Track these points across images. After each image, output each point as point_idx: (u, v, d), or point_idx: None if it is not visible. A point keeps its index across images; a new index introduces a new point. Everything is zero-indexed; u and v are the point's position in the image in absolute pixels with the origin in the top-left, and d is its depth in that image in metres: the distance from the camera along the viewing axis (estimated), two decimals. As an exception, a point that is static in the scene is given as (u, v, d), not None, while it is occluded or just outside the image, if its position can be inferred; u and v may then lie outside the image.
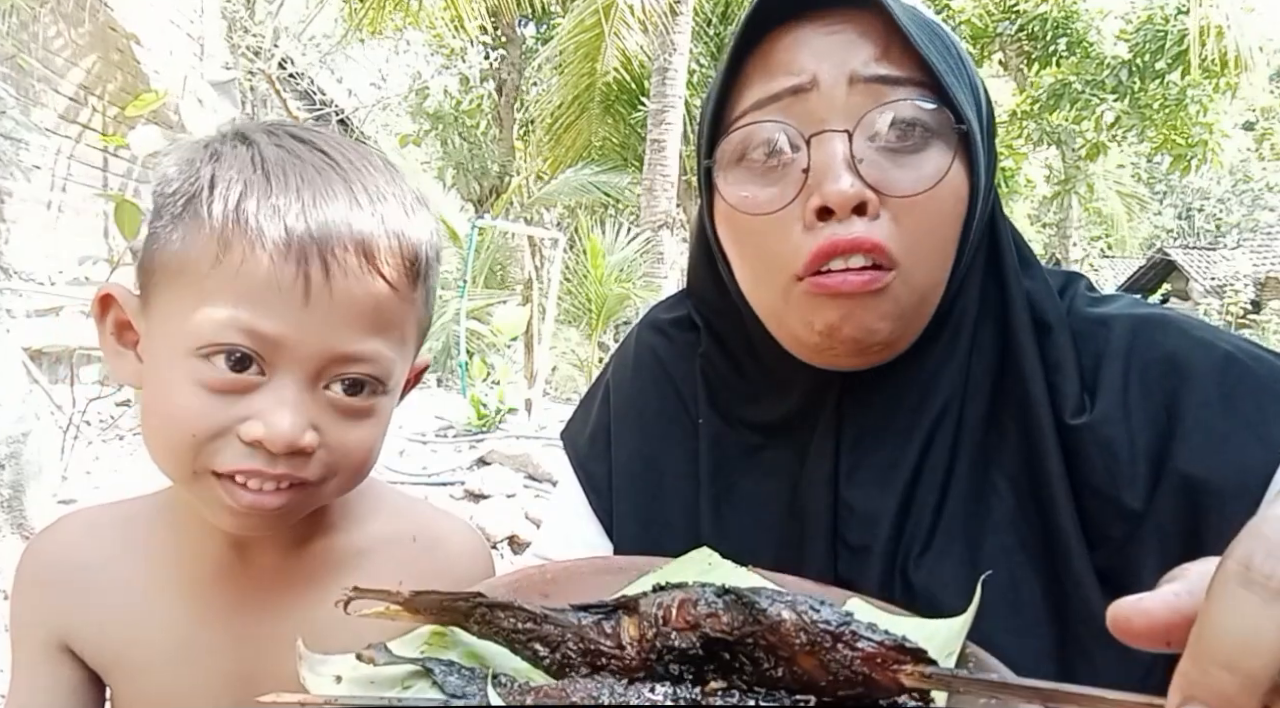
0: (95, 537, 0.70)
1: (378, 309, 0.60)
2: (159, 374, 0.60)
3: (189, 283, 0.58)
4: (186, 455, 0.58)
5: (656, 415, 0.78)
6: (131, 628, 0.67)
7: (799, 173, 0.61)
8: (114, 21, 5.45)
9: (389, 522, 0.74)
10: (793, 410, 0.70)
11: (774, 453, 0.71)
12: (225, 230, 0.57)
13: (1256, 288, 16.75)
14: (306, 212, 0.58)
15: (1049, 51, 11.99)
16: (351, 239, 0.59)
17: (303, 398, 0.58)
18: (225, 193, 0.58)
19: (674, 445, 0.76)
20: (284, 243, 0.57)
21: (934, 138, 0.60)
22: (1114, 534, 0.60)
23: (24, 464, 2.96)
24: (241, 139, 0.62)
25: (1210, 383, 0.60)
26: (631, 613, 0.41)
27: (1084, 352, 0.65)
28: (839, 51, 0.61)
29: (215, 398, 0.57)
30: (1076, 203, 15.48)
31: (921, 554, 0.64)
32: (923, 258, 0.61)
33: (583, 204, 12.00)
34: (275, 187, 0.58)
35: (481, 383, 6.35)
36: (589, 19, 9.11)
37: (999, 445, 0.65)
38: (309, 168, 0.60)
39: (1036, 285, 0.68)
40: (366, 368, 0.60)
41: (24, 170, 4.62)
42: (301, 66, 9.67)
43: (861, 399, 0.67)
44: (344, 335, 0.59)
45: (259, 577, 0.69)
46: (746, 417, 0.73)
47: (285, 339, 0.57)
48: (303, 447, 0.58)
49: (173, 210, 0.60)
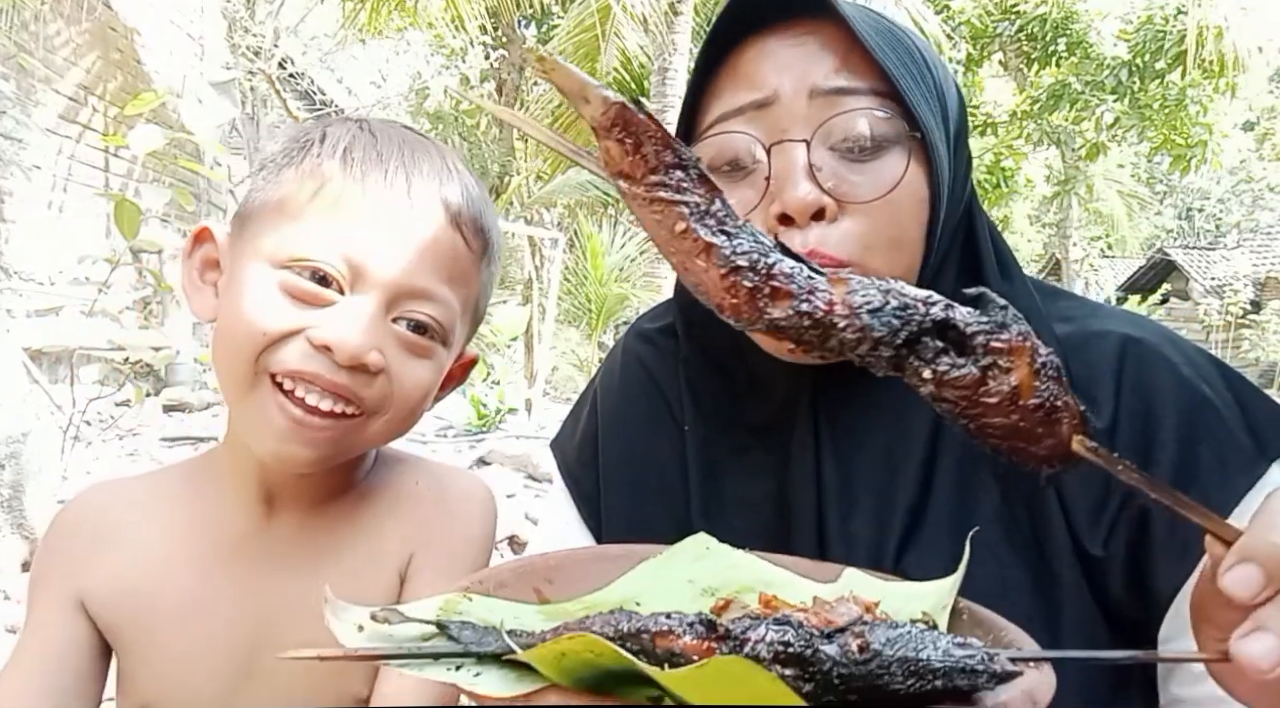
0: (122, 501, 0.73)
1: (454, 260, 0.67)
2: (242, 286, 0.63)
3: (288, 212, 0.64)
4: (252, 353, 0.61)
5: (644, 422, 0.79)
6: (149, 587, 0.69)
7: (762, 181, 0.64)
8: (114, 21, 5.45)
9: (400, 478, 0.76)
10: (773, 410, 0.72)
11: (760, 454, 0.73)
12: (330, 168, 0.64)
13: (1256, 288, 16.76)
14: (405, 162, 0.66)
15: (1049, 52, 11.99)
16: (440, 193, 0.66)
17: (375, 321, 0.63)
18: (334, 143, 0.66)
19: (661, 451, 0.77)
20: (383, 182, 0.64)
21: (890, 144, 0.63)
22: (1091, 548, 0.62)
23: (24, 464, 2.96)
24: (351, 118, 0.71)
25: (1183, 426, 0.62)
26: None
27: (1075, 359, 0.66)
28: (801, 64, 0.64)
29: (294, 304, 0.62)
30: (1076, 203, 15.48)
31: (908, 548, 0.65)
32: (879, 257, 0.63)
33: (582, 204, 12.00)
34: (380, 141, 0.66)
35: (481, 383, 6.35)
36: (589, 19, 9.10)
37: None
38: (408, 137, 0.69)
39: (1015, 289, 0.70)
40: (435, 310, 0.65)
41: (24, 170, 4.62)
42: (301, 66, 9.67)
43: (837, 397, 0.69)
44: (422, 272, 0.64)
45: (280, 541, 0.70)
46: (731, 419, 0.75)
47: (369, 262, 0.62)
48: (367, 363, 0.62)
49: (279, 162, 0.66)
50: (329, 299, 0.62)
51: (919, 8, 9.15)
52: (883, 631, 0.37)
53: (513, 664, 0.39)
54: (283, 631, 0.69)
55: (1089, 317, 0.70)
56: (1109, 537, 0.62)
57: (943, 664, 0.36)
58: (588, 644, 0.34)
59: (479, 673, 0.39)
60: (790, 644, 0.35)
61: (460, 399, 6.29)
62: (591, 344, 8.80)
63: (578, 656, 0.35)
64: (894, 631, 0.37)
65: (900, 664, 0.36)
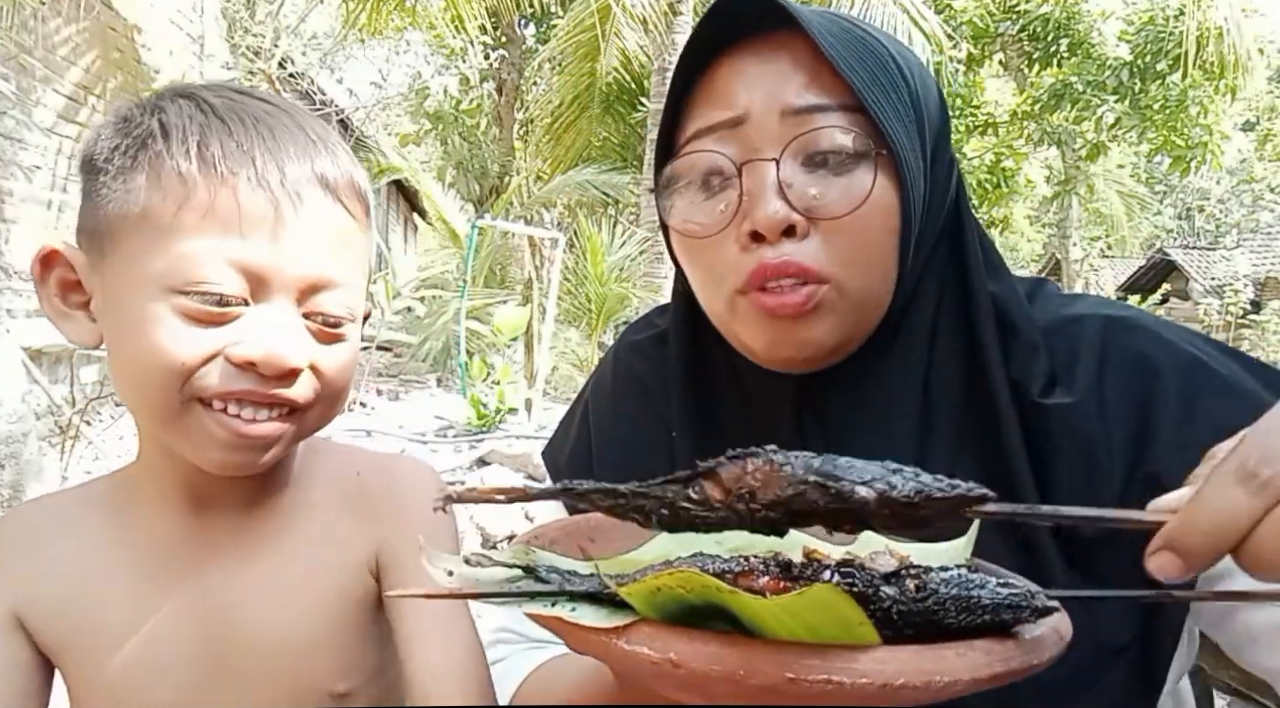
0: (52, 517, 0.71)
1: (345, 237, 0.65)
2: (131, 319, 0.59)
3: (154, 227, 0.59)
4: (174, 385, 0.59)
5: (635, 430, 0.80)
6: (89, 602, 0.67)
7: (734, 198, 0.65)
8: (114, 21, 5.46)
9: (334, 467, 0.75)
10: (759, 414, 0.73)
11: None
12: (191, 172, 0.58)
13: (1256, 288, 16.75)
14: (270, 149, 0.61)
15: (1050, 52, 11.99)
16: (314, 173, 0.63)
17: (290, 325, 0.61)
18: (184, 138, 0.59)
19: (653, 459, 0.77)
20: (255, 178, 0.59)
21: (859, 159, 0.64)
22: (1083, 531, 0.63)
23: (24, 464, 2.96)
24: (179, 94, 0.64)
25: (1176, 386, 0.63)
26: (712, 479, 0.44)
27: (1057, 348, 0.68)
28: (770, 82, 0.65)
29: (200, 327, 0.59)
30: (1076, 203, 15.47)
31: None
32: (856, 271, 0.64)
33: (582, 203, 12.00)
34: (234, 128, 0.61)
35: (481, 383, 6.35)
36: (588, 19, 9.10)
37: (968, 444, 0.67)
38: (259, 111, 0.63)
39: (1003, 289, 0.70)
40: (342, 295, 0.64)
41: (24, 170, 4.62)
42: (301, 66, 9.68)
43: (818, 401, 0.70)
44: (320, 260, 0.62)
45: (216, 541, 0.69)
46: (718, 424, 0.76)
47: (268, 267, 0.59)
48: (295, 367, 0.61)
49: (119, 164, 0.60)
50: (235, 314, 0.59)
51: (919, 7, 9.14)
52: (936, 573, 0.41)
53: (600, 601, 0.41)
54: (240, 627, 0.68)
55: (1069, 305, 0.72)
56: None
57: (991, 601, 0.40)
58: (682, 580, 0.37)
59: (574, 608, 0.41)
60: (855, 584, 0.40)
61: (460, 399, 6.29)
62: (591, 344, 8.79)
63: (671, 591, 0.38)
64: (946, 573, 0.41)
65: (954, 602, 0.40)
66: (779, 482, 0.42)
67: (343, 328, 0.65)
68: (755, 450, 0.45)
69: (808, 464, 0.42)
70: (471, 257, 8.17)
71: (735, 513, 0.43)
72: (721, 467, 0.44)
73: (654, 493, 0.45)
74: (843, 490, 0.40)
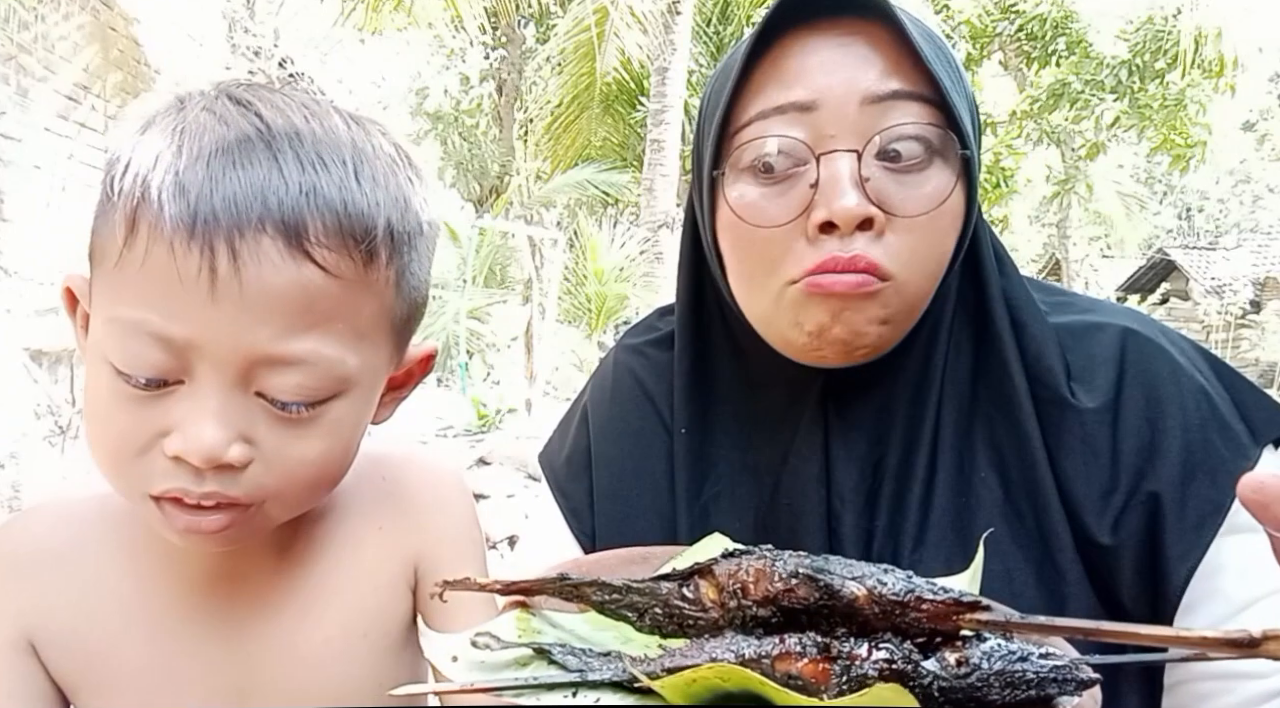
0: (71, 527, 0.63)
1: (308, 300, 0.51)
2: (90, 382, 0.53)
3: (105, 275, 0.52)
4: (122, 478, 0.53)
5: (636, 433, 0.79)
6: (104, 636, 0.60)
7: (806, 187, 0.62)
8: (114, 21, 5.46)
9: (357, 480, 0.66)
10: (775, 410, 0.72)
11: (755, 456, 0.73)
12: (132, 212, 0.49)
13: (1256, 288, 16.75)
14: (214, 184, 0.48)
15: (1048, 51, 11.98)
16: (269, 216, 0.49)
17: (228, 405, 0.50)
18: (136, 168, 0.50)
19: (654, 462, 0.77)
20: (186, 225, 0.48)
21: (936, 157, 0.62)
22: (1099, 536, 0.63)
23: (24, 464, 2.96)
24: (180, 105, 0.54)
25: (1183, 416, 0.64)
26: (707, 577, 0.44)
27: (1074, 350, 0.68)
28: (849, 66, 0.62)
29: (136, 410, 0.51)
30: (1076, 203, 15.46)
31: (915, 549, 0.65)
32: (917, 272, 0.63)
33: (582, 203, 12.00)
34: (184, 158, 0.49)
35: (481, 383, 6.36)
36: (587, 19, 9.10)
37: (983, 436, 0.68)
38: (231, 133, 0.51)
39: (1013, 287, 0.70)
40: (301, 375, 0.51)
41: (24, 170, 4.62)
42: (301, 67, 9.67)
43: (843, 398, 0.69)
44: (265, 334, 0.50)
45: (244, 576, 0.62)
46: (726, 422, 0.75)
47: (193, 341, 0.49)
48: (228, 461, 0.50)
49: (104, 189, 0.52)
50: (169, 391, 0.50)
51: (918, 7, 9.14)
52: (977, 645, 0.40)
53: (622, 688, 0.40)
54: (268, 676, 0.62)
55: (1087, 310, 0.72)
56: (1118, 523, 0.63)
57: (1036, 676, 0.38)
58: (720, 673, 0.36)
59: (599, 699, 0.40)
60: (894, 661, 0.38)
61: (460, 399, 6.29)
62: (591, 344, 8.79)
63: (707, 682, 0.37)
64: (986, 644, 0.40)
65: (998, 677, 0.38)
66: (770, 577, 0.42)
67: (310, 411, 0.53)
68: (750, 548, 0.45)
69: (800, 561, 0.43)
70: (471, 257, 8.17)
71: (727, 612, 0.43)
72: (716, 564, 0.44)
73: (648, 589, 0.45)
74: (832, 585, 0.40)
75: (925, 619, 0.39)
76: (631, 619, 0.47)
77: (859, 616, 0.40)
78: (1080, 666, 0.39)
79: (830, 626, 0.41)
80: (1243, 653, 0.34)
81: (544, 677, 0.42)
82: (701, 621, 0.44)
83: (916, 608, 0.39)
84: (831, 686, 0.38)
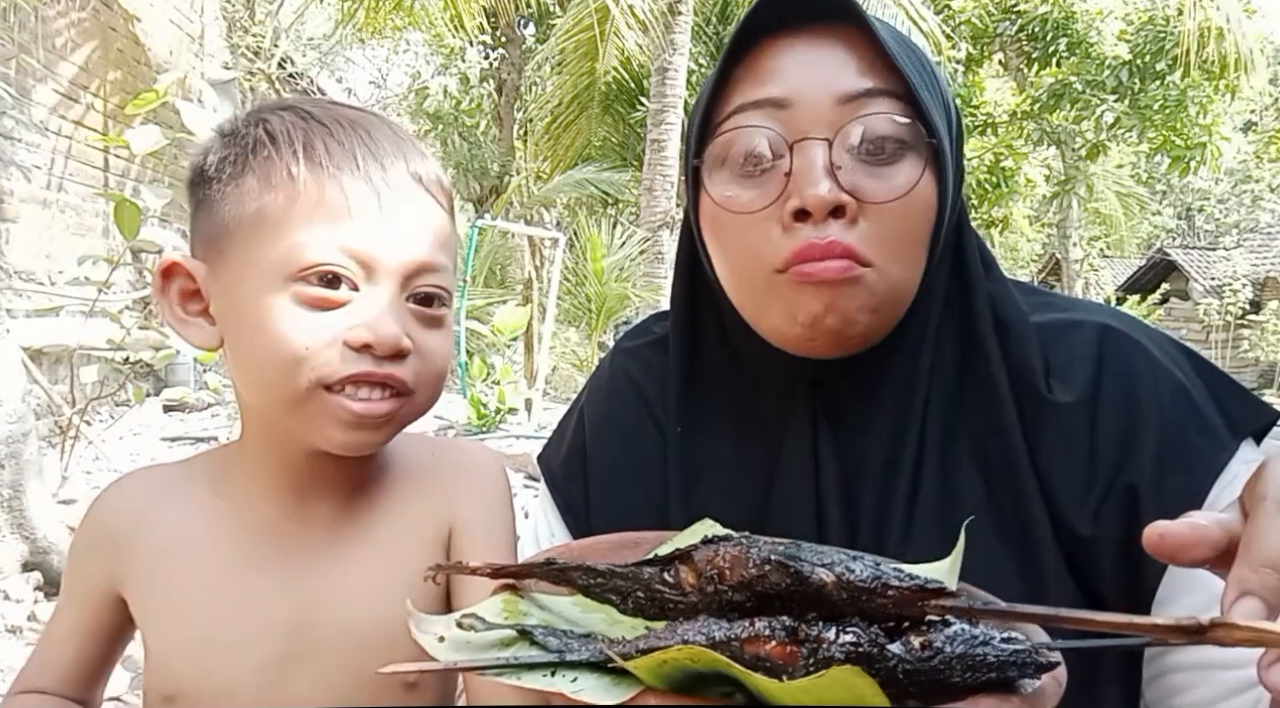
0: (156, 488, 0.75)
1: (440, 228, 0.70)
2: (253, 312, 0.64)
3: (268, 225, 0.64)
4: (299, 372, 0.63)
5: (632, 434, 0.80)
6: (178, 570, 0.70)
7: (781, 176, 0.64)
8: (113, 20, 5.46)
9: (411, 452, 0.79)
10: (766, 407, 0.73)
11: (747, 451, 0.74)
12: (299, 171, 0.64)
13: (1256, 288, 16.76)
14: (370, 147, 0.67)
15: (1049, 52, 11.99)
16: (409, 170, 0.68)
17: (397, 306, 0.65)
18: (290, 142, 0.65)
19: (649, 461, 0.78)
20: (358, 173, 0.65)
21: (907, 149, 0.64)
22: (1080, 530, 0.65)
23: (24, 464, 2.96)
24: (279, 107, 0.70)
25: (1161, 411, 0.65)
26: (687, 562, 0.46)
27: (1053, 347, 0.70)
28: (824, 67, 0.65)
29: (319, 314, 0.63)
30: (1076, 203, 15.48)
31: (902, 540, 0.67)
32: (894, 259, 0.65)
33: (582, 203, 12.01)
34: (336, 131, 0.67)
35: (481, 383, 6.36)
36: (587, 19, 9.10)
37: (967, 432, 0.69)
38: (355, 117, 0.70)
39: (998, 288, 0.72)
40: (439, 279, 0.68)
41: (23, 170, 4.62)
42: (301, 66, 9.68)
43: (833, 394, 0.70)
44: (421, 248, 0.67)
45: (311, 528, 0.72)
46: (719, 417, 0.76)
47: (375, 253, 0.64)
48: (403, 348, 0.65)
49: (230, 172, 0.66)
50: (346, 299, 0.64)
51: (918, 7, 9.15)
52: (941, 629, 0.41)
53: (600, 669, 0.41)
54: (326, 615, 0.70)
55: (1065, 308, 0.74)
56: (1097, 516, 0.64)
57: (997, 659, 0.40)
58: (691, 654, 0.38)
59: (575, 678, 0.41)
60: (860, 645, 0.40)
61: (460, 399, 6.29)
62: (591, 344, 8.79)
63: (678, 663, 0.38)
64: (950, 629, 0.41)
65: (960, 660, 0.39)
66: (745, 563, 0.44)
67: (441, 309, 0.69)
68: (730, 534, 0.47)
69: (774, 547, 0.44)
70: (472, 257, 8.17)
71: (705, 597, 0.45)
72: (696, 550, 0.46)
73: (631, 574, 0.47)
74: (801, 571, 0.42)
75: (891, 605, 0.41)
76: (615, 603, 0.48)
77: (828, 600, 0.41)
78: (1041, 650, 0.41)
79: (801, 610, 0.42)
80: (1192, 639, 0.36)
81: (524, 657, 0.43)
82: (681, 604, 0.45)
83: (882, 594, 0.40)
84: (799, 667, 0.39)
